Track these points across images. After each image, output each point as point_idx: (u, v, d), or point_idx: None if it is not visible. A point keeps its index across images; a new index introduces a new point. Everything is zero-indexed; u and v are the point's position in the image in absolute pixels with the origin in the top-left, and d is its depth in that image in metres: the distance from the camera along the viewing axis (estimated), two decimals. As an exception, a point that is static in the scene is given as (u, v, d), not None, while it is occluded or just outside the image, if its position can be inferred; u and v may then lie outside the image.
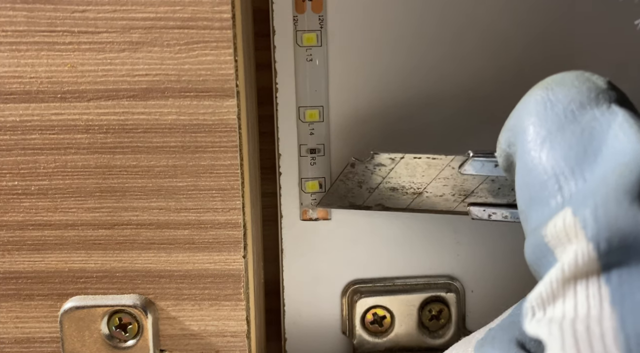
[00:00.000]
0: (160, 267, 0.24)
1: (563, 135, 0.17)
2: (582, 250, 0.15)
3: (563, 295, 0.16)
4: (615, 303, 0.15)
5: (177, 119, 0.23)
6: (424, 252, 0.29)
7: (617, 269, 0.15)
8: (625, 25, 0.27)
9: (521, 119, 0.18)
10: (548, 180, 0.17)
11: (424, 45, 0.27)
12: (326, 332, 0.30)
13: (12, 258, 0.24)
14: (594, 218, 0.15)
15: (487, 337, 0.20)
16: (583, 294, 0.15)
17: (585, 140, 0.17)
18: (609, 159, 0.16)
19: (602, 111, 0.17)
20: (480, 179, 0.25)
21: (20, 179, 0.24)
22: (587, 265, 0.15)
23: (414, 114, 0.28)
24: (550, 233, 0.16)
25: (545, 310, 0.16)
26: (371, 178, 0.26)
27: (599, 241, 0.15)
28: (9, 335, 0.25)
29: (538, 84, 0.19)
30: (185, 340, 0.25)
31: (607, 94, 0.18)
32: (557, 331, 0.15)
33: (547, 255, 0.17)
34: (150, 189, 0.24)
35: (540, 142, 0.18)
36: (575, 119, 0.17)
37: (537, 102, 0.18)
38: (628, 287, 0.15)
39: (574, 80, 0.18)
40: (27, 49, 0.23)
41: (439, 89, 0.27)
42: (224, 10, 0.22)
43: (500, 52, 0.27)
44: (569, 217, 0.16)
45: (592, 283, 0.15)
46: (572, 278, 0.15)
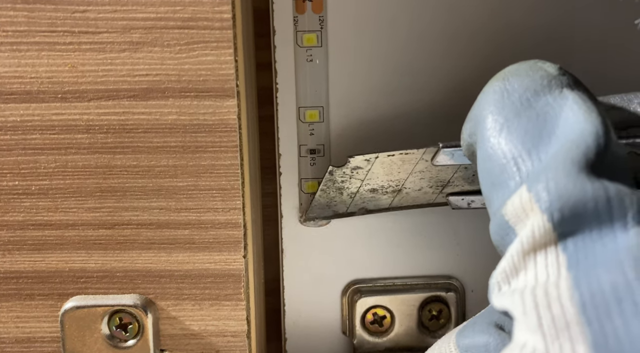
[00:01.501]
0: (161, 266, 0.24)
1: (519, 121, 0.18)
2: (537, 223, 0.16)
3: (525, 267, 0.16)
4: (571, 268, 0.15)
5: (177, 119, 0.23)
6: (424, 252, 0.29)
7: (572, 237, 0.16)
8: (625, 25, 0.27)
9: (480, 108, 0.19)
10: (507, 164, 0.18)
11: (424, 46, 0.27)
12: (326, 332, 0.30)
13: (13, 258, 0.24)
14: (547, 191, 0.16)
15: (468, 324, 0.21)
16: (542, 263, 0.16)
17: (540, 124, 0.18)
18: (560, 138, 0.17)
19: (554, 96, 0.18)
20: (453, 169, 0.25)
21: (20, 179, 0.24)
22: (544, 236, 0.16)
23: (414, 114, 0.28)
24: (509, 212, 0.17)
25: (510, 283, 0.17)
26: (350, 183, 0.26)
27: (552, 212, 0.16)
28: (10, 335, 0.25)
29: (495, 75, 0.20)
30: (186, 340, 0.25)
31: (558, 80, 0.19)
32: (519, 299, 0.16)
33: (509, 233, 0.18)
34: (151, 189, 0.24)
35: (499, 129, 0.18)
36: (530, 105, 0.18)
37: (494, 92, 0.19)
38: (582, 252, 0.16)
39: (527, 69, 0.19)
40: (28, 49, 0.23)
41: (439, 89, 0.27)
42: (224, 10, 0.22)
43: (499, 53, 0.27)
44: (525, 193, 0.17)
45: (550, 252, 0.16)
46: (531, 250, 0.16)
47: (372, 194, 0.26)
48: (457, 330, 0.22)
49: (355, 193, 0.26)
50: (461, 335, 0.21)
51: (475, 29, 0.27)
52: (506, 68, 0.20)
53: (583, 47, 0.27)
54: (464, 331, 0.21)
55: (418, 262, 0.29)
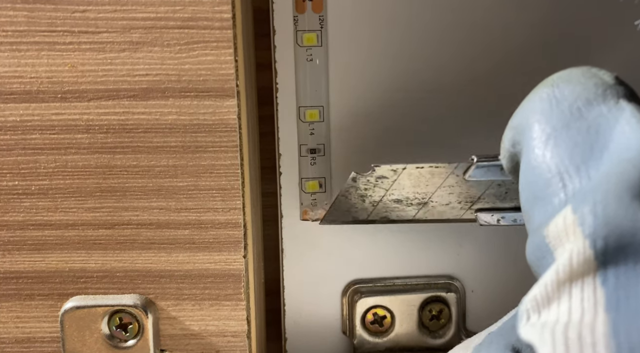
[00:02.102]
0: (161, 266, 0.24)
1: (568, 132, 0.17)
2: (578, 249, 0.15)
3: (558, 298, 0.15)
4: (610, 310, 0.14)
5: (177, 118, 0.23)
6: (424, 252, 0.29)
7: (614, 270, 0.14)
8: (625, 25, 0.27)
9: (526, 117, 0.18)
10: (552, 178, 0.16)
11: (425, 45, 0.27)
12: (326, 332, 0.30)
13: (13, 258, 0.24)
14: (593, 216, 0.15)
15: (485, 342, 0.20)
16: (578, 297, 0.15)
17: (592, 137, 0.16)
18: (614, 155, 0.16)
19: (609, 107, 0.17)
20: (486, 184, 0.24)
21: (20, 179, 0.24)
22: (582, 265, 0.15)
23: (415, 114, 0.28)
24: (552, 233, 0.16)
25: (540, 313, 0.16)
26: (374, 192, 0.25)
27: (596, 239, 0.15)
28: (10, 335, 0.25)
29: (544, 81, 0.18)
30: (186, 340, 0.25)
31: (614, 90, 0.17)
32: (549, 337, 0.14)
33: (547, 256, 0.16)
34: (151, 189, 0.24)
35: (545, 139, 0.17)
36: (581, 115, 0.17)
37: (542, 100, 0.18)
38: (624, 291, 0.14)
39: (580, 76, 0.18)
40: (28, 49, 0.23)
41: (440, 89, 0.27)
42: (224, 10, 0.22)
43: (499, 52, 0.27)
44: (569, 215, 0.15)
45: (587, 285, 0.15)
46: (567, 280, 0.15)
47: (396, 205, 0.25)
48: (472, 347, 0.20)
49: (378, 201, 0.25)
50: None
51: (475, 28, 0.27)
52: (556, 74, 0.18)
53: (583, 47, 0.27)
54: (480, 351, 0.19)
55: (418, 262, 0.29)
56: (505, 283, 0.29)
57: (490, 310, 0.29)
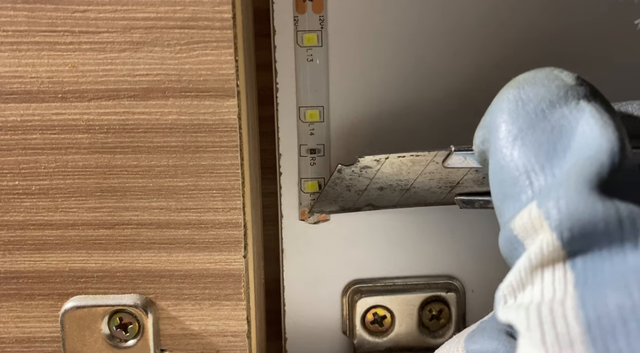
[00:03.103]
0: (161, 266, 0.24)
1: (534, 133, 0.18)
2: (546, 240, 0.16)
3: (531, 282, 0.16)
4: (578, 286, 0.15)
5: (177, 118, 0.23)
6: (424, 251, 0.29)
7: (581, 256, 0.16)
8: (625, 25, 0.27)
9: (494, 116, 0.19)
10: (519, 176, 0.18)
11: (424, 45, 0.27)
12: (326, 332, 0.30)
13: (13, 258, 0.24)
14: (557, 210, 0.16)
15: (477, 329, 0.21)
16: (549, 279, 0.16)
17: (555, 138, 0.18)
18: (575, 155, 0.17)
19: (571, 108, 0.18)
20: (464, 171, 0.25)
21: (21, 179, 0.24)
22: (552, 254, 0.16)
23: (415, 114, 0.28)
24: (518, 226, 0.17)
25: (516, 297, 0.17)
26: (359, 181, 0.26)
27: (562, 230, 0.16)
28: (10, 335, 0.25)
29: (510, 82, 0.19)
30: (186, 340, 0.25)
31: (575, 91, 0.18)
32: (524, 314, 0.16)
33: (518, 247, 0.17)
34: (151, 189, 0.24)
35: (512, 139, 0.18)
36: (545, 117, 0.18)
37: (509, 101, 0.19)
38: (591, 271, 0.15)
39: (543, 78, 0.19)
40: (28, 49, 0.23)
41: (439, 89, 0.27)
42: (225, 10, 0.22)
43: (499, 53, 0.27)
44: (534, 209, 0.17)
45: (558, 269, 0.16)
46: (539, 266, 0.16)
47: (380, 192, 0.26)
48: (466, 334, 0.21)
49: (363, 190, 0.26)
50: (470, 340, 0.21)
51: (476, 28, 0.27)
52: (520, 75, 0.19)
53: (583, 47, 0.27)
54: (473, 336, 0.21)
55: (418, 261, 0.29)
56: (505, 283, 0.29)
57: (490, 309, 0.29)
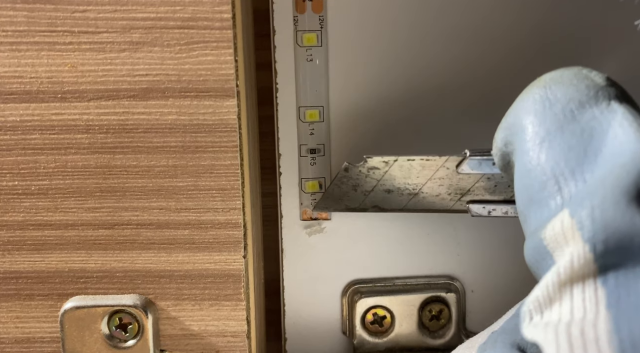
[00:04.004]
0: (161, 267, 0.24)
1: (562, 135, 0.17)
2: (578, 252, 0.15)
3: (560, 299, 0.15)
4: (610, 307, 0.14)
5: (177, 119, 0.23)
6: (424, 252, 0.29)
7: (613, 271, 0.15)
8: (625, 25, 0.27)
9: (519, 117, 0.18)
10: (547, 181, 0.17)
11: (424, 45, 0.27)
12: (326, 332, 0.30)
13: (13, 258, 0.24)
14: (591, 220, 0.15)
15: (489, 341, 0.20)
16: (579, 297, 0.15)
17: (585, 141, 0.17)
18: (608, 160, 0.16)
19: (602, 110, 0.17)
20: (476, 178, 0.25)
21: (20, 179, 0.24)
22: (583, 268, 0.15)
23: (415, 114, 0.28)
24: (549, 236, 0.16)
25: (543, 314, 0.16)
26: (366, 182, 0.26)
27: (595, 243, 0.15)
28: (9, 335, 0.25)
29: (535, 81, 0.19)
30: (186, 340, 0.25)
31: (606, 91, 0.17)
32: (552, 335, 0.15)
33: (546, 258, 0.17)
34: (151, 189, 0.24)
35: (540, 142, 0.17)
36: (574, 118, 0.17)
37: (535, 101, 0.18)
38: (624, 289, 0.15)
39: (572, 78, 0.18)
40: (28, 49, 0.23)
41: (440, 89, 0.27)
42: (224, 10, 0.22)
43: (499, 52, 0.27)
44: (567, 218, 0.16)
45: (588, 286, 0.15)
46: (568, 282, 0.15)
47: (387, 195, 0.26)
48: (477, 346, 0.20)
49: (369, 191, 0.26)
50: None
51: (476, 29, 0.27)
52: (546, 74, 0.19)
53: (583, 47, 0.27)
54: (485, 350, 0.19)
55: (418, 262, 0.29)
56: (505, 283, 0.29)
57: (490, 310, 0.29)
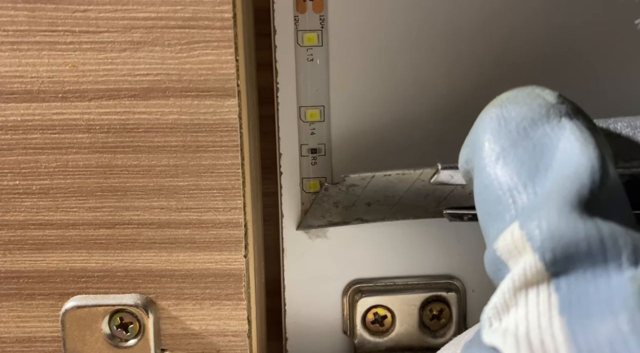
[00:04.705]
0: (162, 266, 0.24)
1: (516, 151, 0.18)
2: (529, 262, 0.16)
3: (515, 304, 0.16)
4: (563, 311, 0.15)
5: (178, 118, 0.23)
6: (424, 251, 0.29)
7: (565, 277, 0.16)
8: (625, 25, 0.27)
9: (477, 135, 0.19)
10: (502, 195, 0.18)
11: (425, 45, 0.27)
12: (327, 332, 0.30)
13: (14, 257, 0.24)
14: (539, 230, 0.16)
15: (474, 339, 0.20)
16: (534, 301, 0.16)
17: (537, 156, 0.18)
18: (556, 173, 0.17)
19: (552, 126, 0.18)
20: (451, 187, 0.25)
21: (21, 179, 0.24)
22: (535, 276, 0.16)
23: (415, 113, 0.28)
24: (501, 247, 0.17)
25: (501, 319, 0.16)
26: (346, 198, 0.26)
27: (544, 252, 0.16)
28: (11, 335, 0.25)
29: (492, 101, 0.19)
30: (187, 340, 0.25)
31: (557, 109, 0.18)
32: (512, 341, 0.15)
33: (502, 268, 0.17)
34: (152, 189, 0.24)
35: (495, 158, 0.18)
36: (527, 135, 0.18)
37: (491, 119, 0.19)
38: (575, 293, 0.15)
39: (525, 97, 0.19)
40: (29, 49, 0.23)
41: (440, 88, 0.27)
42: (225, 9, 0.22)
43: (499, 52, 0.27)
44: (517, 230, 0.17)
45: (542, 290, 0.16)
46: (522, 287, 0.16)
47: (368, 207, 0.27)
48: (462, 343, 0.21)
49: (350, 206, 0.27)
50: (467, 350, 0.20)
51: (476, 29, 0.27)
52: (503, 94, 0.20)
53: (583, 47, 0.27)
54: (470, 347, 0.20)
55: (419, 261, 0.29)
56: (505, 282, 0.29)
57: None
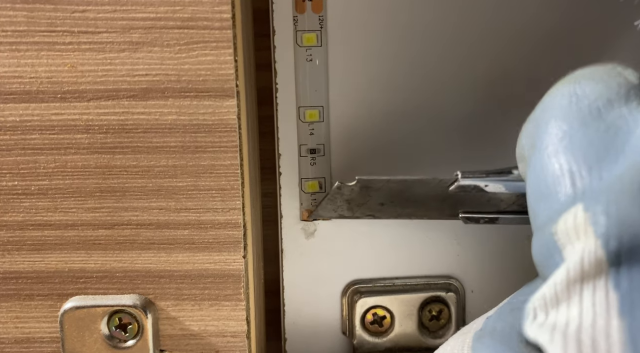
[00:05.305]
0: (160, 267, 0.24)
1: (585, 131, 0.16)
2: (589, 249, 0.14)
3: (567, 299, 0.15)
4: (624, 314, 0.14)
5: (177, 119, 0.23)
6: (424, 252, 0.29)
7: (627, 272, 0.14)
8: (625, 25, 0.27)
9: (544, 111, 0.17)
10: (561, 176, 0.16)
11: (425, 45, 0.27)
12: (326, 332, 0.30)
13: (12, 258, 0.24)
14: (606, 215, 0.14)
15: (485, 327, 0.19)
16: (589, 300, 0.14)
17: (609, 139, 0.16)
18: (630, 158, 0.15)
19: (631, 109, 0.16)
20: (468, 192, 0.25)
21: (20, 179, 0.24)
22: (594, 266, 0.14)
23: (415, 114, 0.28)
24: (561, 230, 0.16)
25: (548, 313, 0.15)
26: (359, 197, 0.26)
27: (609, 238, 0.14)
28: (9, 335, 0.25)
29: (567, 76, 0.18)
30: (185, 340, 0.25)
31: (638, 90, 0.16)
32: (560, 340, 0.14)
33: (554, 255, 0.16)
34: (150, 189, 0.24)
35: (561, 136, 0.16)
36: (600, 115, 0.16)
37: (562, 96, 0.17)
38: (638, 293, 0.14)
39: (603, 74, 0.17)
40: (27, 49, 0.23)
41: (440, 89, 0.27)
42: (224, 10, 0.22)
43: (499, 52, 0.27)
44: (580, 213, 0.15)
45: (599, 287, 0.14)
46: (578, 281, 0.15)
47: (381, 207, 0.26)
48: (472, 334, 0.19)
49: (363, 204, 0.26)
50: (479, 341, 0.18)
51: (475, 28, 0.27)
52: (578, 70, 0.18)
53: (583, 47, 0.27)
54: (481, 339, 0.18)
55: (418, 262, 0.29)
56: (504, 283, 0.29)
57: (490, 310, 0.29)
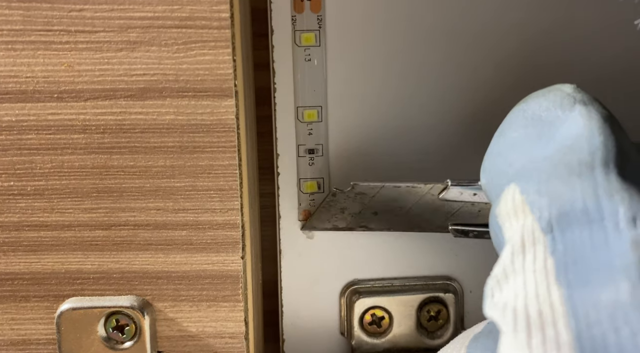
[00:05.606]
0: (158, 268, 0.24)
1: (526, 131, 0.19)
2: (525, 224, 0.16)
3: (513, 272, 0.16)
4: (560, 278, 0.15)
5: (175, 119, 0.23)
6: (422, 252, 0.29)
7: (560, 237, 0.16)
8: (625, 25, 0.27)
9: (502, 125, 0.20)
10: (502, 164, 0.19)
11: (424, 45, 0.27)
12: (324, 333, 0.29)
13: (8, 259, 0.24)
14: (538, 193, 0.17)
15: (484, 330, 0.21)
16: (530, 268, 0.16)
17: (543, 131, 0.19)
18: (558, 143, 0.18)
19: (564, 110, 0.19)
20: (459, 203, 0.25)
21: (16, 180, 0.24)
22: (531, 238, 0.16)
23: (414, 114, 0.27)
24: (502, 212, 0.18)
25: (502, 289, 0.17)
26: (353, 205, 0.26)
27: (542, 211, 0.16)
28: (5, 337, 0.25)
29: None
30: (183, 342, 0.25)
31: (571, 97, 0.19)
32: (511, 315, 0.15)
33: (499, 235, 0.18)
34: (148, 190, 0.24)
35: (509, 142, 0.19)
36: (540, 118, 0.19)
37: (513, 112, 0.20)
38: (571, 256, 0.15)
39: (546, 92, 0.20)
40: (24, 48, 0.23)
41: (439, 89, 0.27)
42: (222, 9, 0.22)
43: (499, 52, 0.27)
44: (518, 196, 0.17)
45: (538, 255, 0.16)
46: (520, 253, 0.16)
47: (374, 216, 0.27)
48: (472, 335, 0.21)
49: (357, 213, 0.26)
50: (475, 342, 0.20)
51: (476, 29, 0.27)
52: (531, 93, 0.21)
53: (583, 47, 0.27)
54: (478, 339, 0.20)
55: (416, 262, 0.29)
56: (503, 284, 0.29)
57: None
